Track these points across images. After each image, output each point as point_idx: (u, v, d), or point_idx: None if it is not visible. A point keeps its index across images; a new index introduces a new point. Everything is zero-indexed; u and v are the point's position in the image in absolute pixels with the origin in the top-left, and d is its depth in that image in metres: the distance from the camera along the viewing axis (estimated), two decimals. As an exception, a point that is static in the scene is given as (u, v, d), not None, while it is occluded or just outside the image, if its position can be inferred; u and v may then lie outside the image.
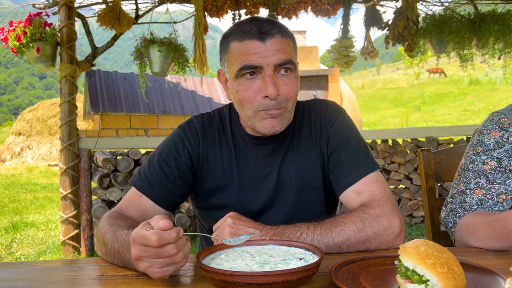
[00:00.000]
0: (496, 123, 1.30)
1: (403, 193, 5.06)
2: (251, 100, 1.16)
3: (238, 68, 1.15)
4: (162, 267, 0.84)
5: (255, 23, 1.15)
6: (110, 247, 1.03)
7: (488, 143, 1.28)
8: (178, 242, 0.83)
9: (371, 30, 4.88)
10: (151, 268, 0.85)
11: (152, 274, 0.85)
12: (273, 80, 1.13)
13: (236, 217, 1.11)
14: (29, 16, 3.98)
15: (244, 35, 1.14)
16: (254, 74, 1.15)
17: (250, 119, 1.20)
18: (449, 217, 1.26)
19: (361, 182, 1.21)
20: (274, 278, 0.80)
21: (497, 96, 19.62)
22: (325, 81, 10.05)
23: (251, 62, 1.13)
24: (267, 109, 1.16)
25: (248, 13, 4.80)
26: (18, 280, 0.95)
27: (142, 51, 4.26)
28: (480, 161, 1.27)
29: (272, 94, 1.13)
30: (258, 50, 1.13)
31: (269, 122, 1.18)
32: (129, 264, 0.97)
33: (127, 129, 8.47)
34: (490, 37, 4.28)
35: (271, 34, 1.14)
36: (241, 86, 1.17)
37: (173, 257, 0.83)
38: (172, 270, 0.85)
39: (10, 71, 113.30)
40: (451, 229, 1.24)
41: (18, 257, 4.30)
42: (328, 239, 1.07)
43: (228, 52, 1.18)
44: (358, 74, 44.02)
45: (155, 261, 0.84)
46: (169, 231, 0.82)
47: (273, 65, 1.13)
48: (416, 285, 0.76)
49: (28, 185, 9.49)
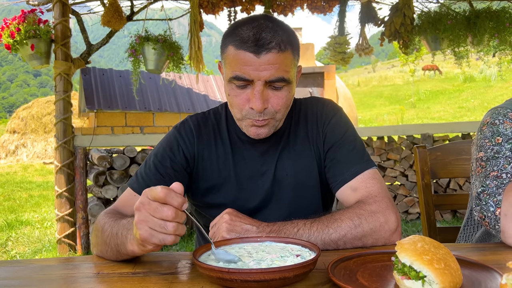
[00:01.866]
0: (505, 116, 1.25)
1: (398, 190, 5.08)
2: (240, 106, 1.18)
3: (230, 76, 1.15)
4: (152, 230, 0.85)
5: (256, 30, 1.12)
6: (108, 233, 1.04)
7: (506, 132, 1.22)
8: (178, 212, 0.85)
9: (366, 27, 4.88)
10: (143, 223, 0.86)
11: (141, 231, 0.86)
12: (261, 95, 1.13)
13: (233, 214, 1.11)
14: (23, 13, 3.94)
15: (241, 44, 1.11)
16: (245, 83, 1.15)
17: (238, 121, 1.23)
18: (488, 202, 1.13)
19: (358, 179, 1.22)
20: (271, 275, 0.80)
21: (492, 93, 19.71)
22: (321, 78, 10.06)
23: (243, 75, 1.12)
24: (253, 119, 1.17)
25: (244, 10, 4.78)
26: (13, 279, 0.95)
27: (137, 48, 4.24)
28: (507, 149, 1.19)
29: (258, 109, 1.14)
30: (251, 63, 1.11)
31: (254, 129, 1.20)
32: (122, 245, 0.98)
33: (123, 127, 8.45)
34: (485, 34, 4.29)
35: (268, 48, 1.10)
36: (232, 91, 1.18)
37: (167, 223, 0.85)
38: (159, 239, 0.86)
39: (4, 69, 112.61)
40: (494, 213, 1.11)
41: (14, 255, 4.28)
42: (325, 236, 1.07)
43: (225, 53, 1.18)
44: (353, 71, 44.08)
45: (149, 218, 0.85)
46: (177, 194, 0.85)
47: (263, 80, 1.12)
48: (413, 281, 0.76)
49: (23, 183, 9.44)
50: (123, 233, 0.98)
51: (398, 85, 27.39)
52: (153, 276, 0.92)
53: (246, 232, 1.07)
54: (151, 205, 0.85)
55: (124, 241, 0.97)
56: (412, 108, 19.88)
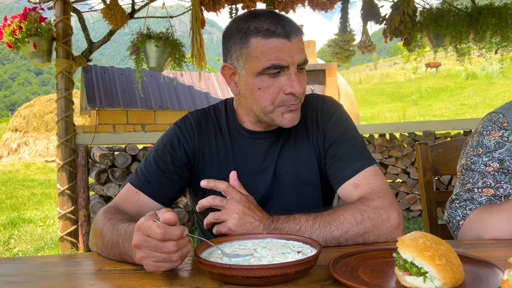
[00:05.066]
0: (495, 123, 1.28)
1: (400, 187, 5.07)
2: (274, 96, 1.17)
3: (265, 66, 1.14)
4: (158, 262, 0.85)
5: (276, 19, 1.15)
6: (108, 239, 1.03)
7: (488, 144, 1.27)
8: (179, 241, 0.85)
9: (368, 24, 4.87)
10: (147, 259, 0.85)
11: (147, 266, 0.86)
12: (298, 78, 1.16)
13: (246, 205, 1.09)
14: (24, 11, 3.95)
15: (270, 33, 1.13)
16: (279, 71, 1.16)
17: (268, 114, 1.21)
18: (457, 211, 1.23)
19: (359, 176, 1.22)
20: (272, 271, 0.80)
21: (493, 90, 19.65)
22: (323, 75, 10.03)
23: (279, 62, 1.13)
24: (288, 104, 1.18)
25: (245, 7, 4.77)
26: (15, 275, 0.95)
27: (139, 46, 4.24)
28: (482, 163, 1.25)
29: (299, 92, 1.16)
30: (285, 49, 1.13)
31: (290, 116, 1.20)
32: (126, 256, 0.97)
33: (124, 125, 8.45)
34: (487, 31, 4.27)
35: (295, 32, 1.15)
36: (264, 83, 1.17)
37: (171, 254, 0.84)
38: (166, 267, 0.86)
39: (6, 67, 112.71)
40: (459, 222, 1.22)
41: (16, 253, 4.30)
42: (327, 233, 1.07)
43: (248, 48, 1.16)
44: (355, 68, 43.98)
45: (152, 254, 0.84)
46: (175, 228, 0.84)
47: (297, 64, 1.15)
48: (414, 277, 0.76)
49: (25, 181, 9.46)
50: (125, 244, 0.97)
51: (400, 82, 27.33)
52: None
53: (253, 230, 1.07)
54: (150, 243, 0.84)
55: (128, 253, 0.96)
56: (414, 105, 19.84)
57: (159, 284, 0.85)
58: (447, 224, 1.27)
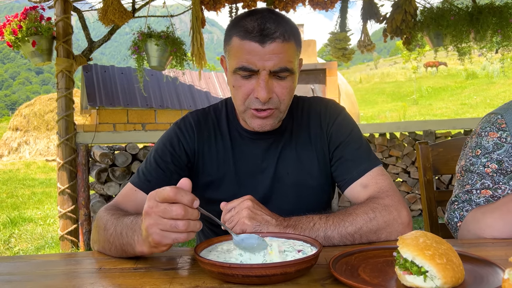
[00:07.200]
0: (493, 124, 1.29)
1: (400, 187, 5.07)
2: (244, 97, 1.17)
3: (237, 67, 1.15)
4: (164, 231, 0.85)
5: (260, 21, 1.13)
6: (111, 232, 1.03)
7: (487, 145, 1.27)
8: (188, 209, 0.84)
9: (368, 23, 4.87)
10: (154, 227, 0.85)
11: (153, 234, 0.86)
12: (266, 84, 1.13)
13: (255, 202, 1.09)
14: (24, 10, 3.95)
15: (246, 35, 1.12)
16: (250, 74, 1.15)
17: (241, 114, 1.23)
18: (455, 213, 1.24)
19: (367, 176, 1.23)
20: (272, 270, 0.80)
21: (494, 89, 19.63)
22: (323, 75, 10.02)
23: (248, 65, 1.13)
24: (255, 108, 1.17)
25: (246, 7, 4.77)
26: (15, 274, 0.95)
27: (140, 45, 4.24)
28: (481, 164, 1.25)
29: (263, 98, 1.13)
30: (256, 53, 1.11)
31: (258, 121, 1.20)
32: (128, 245, 0.97)
33: (125, 124, 8.46)
34: (488, 30, 4.26)
35: (272, 37, 1.11)
36: (236, 82, 1.18)
37: (178, 221, 0.84)
38: (172, 239, 0.85)
39: (7, 66, 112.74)
40: (457, 224, 1.23)
41: (17, 252, 4.30)
42: (342, 229, 1.07)
43: (229, 45, 1.18)
44: (355, 68, 43.97)
45: (159, 220, 0.85)
46: (187, 192, 0.85)
47: (268, 70, 1.13)
48: (414, 276, 0.75)
49: (26, 180, 9.47)
50: (129, 233, 0.97)
51: (400, 82, 27.32)
52: (154, 271, 0.92)
53: (266, 223, 1.05)
54: (159, 207, 0.85)
55: (130, 242, 0.96)
56: (414, 104, 19.84)
57: (159, 283, 0.85)
58: (447, 225, 1.28)
